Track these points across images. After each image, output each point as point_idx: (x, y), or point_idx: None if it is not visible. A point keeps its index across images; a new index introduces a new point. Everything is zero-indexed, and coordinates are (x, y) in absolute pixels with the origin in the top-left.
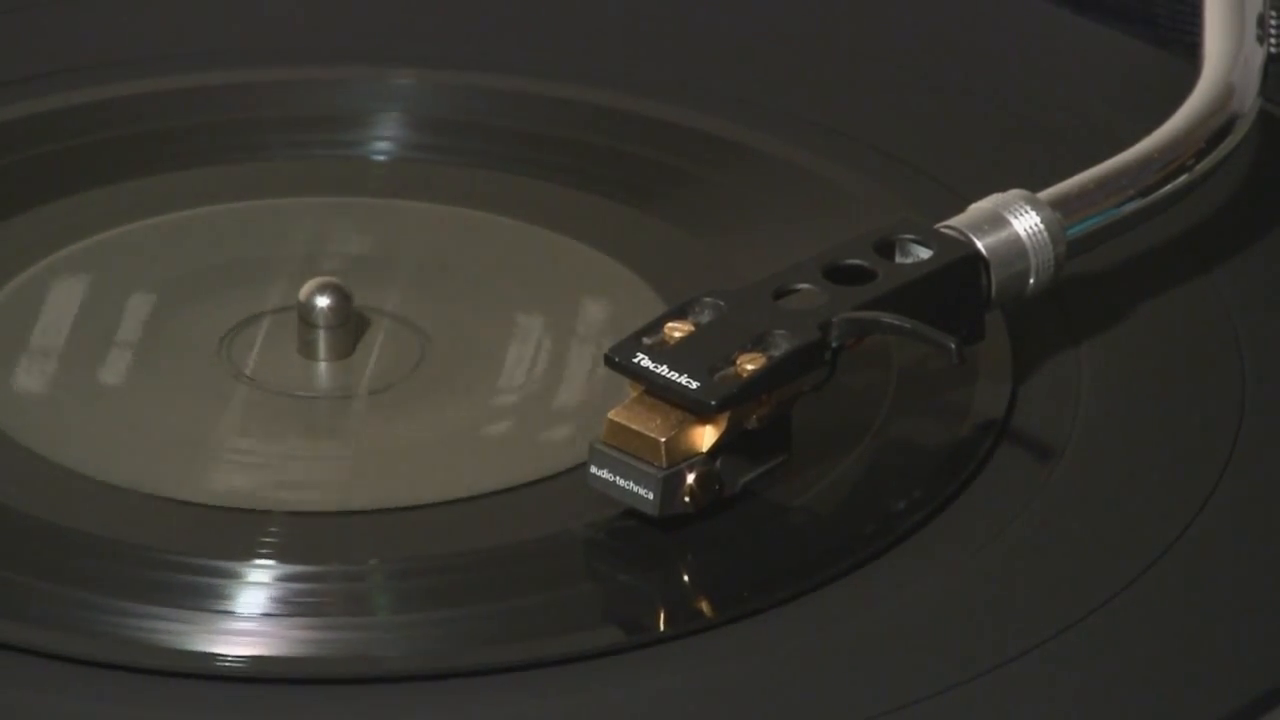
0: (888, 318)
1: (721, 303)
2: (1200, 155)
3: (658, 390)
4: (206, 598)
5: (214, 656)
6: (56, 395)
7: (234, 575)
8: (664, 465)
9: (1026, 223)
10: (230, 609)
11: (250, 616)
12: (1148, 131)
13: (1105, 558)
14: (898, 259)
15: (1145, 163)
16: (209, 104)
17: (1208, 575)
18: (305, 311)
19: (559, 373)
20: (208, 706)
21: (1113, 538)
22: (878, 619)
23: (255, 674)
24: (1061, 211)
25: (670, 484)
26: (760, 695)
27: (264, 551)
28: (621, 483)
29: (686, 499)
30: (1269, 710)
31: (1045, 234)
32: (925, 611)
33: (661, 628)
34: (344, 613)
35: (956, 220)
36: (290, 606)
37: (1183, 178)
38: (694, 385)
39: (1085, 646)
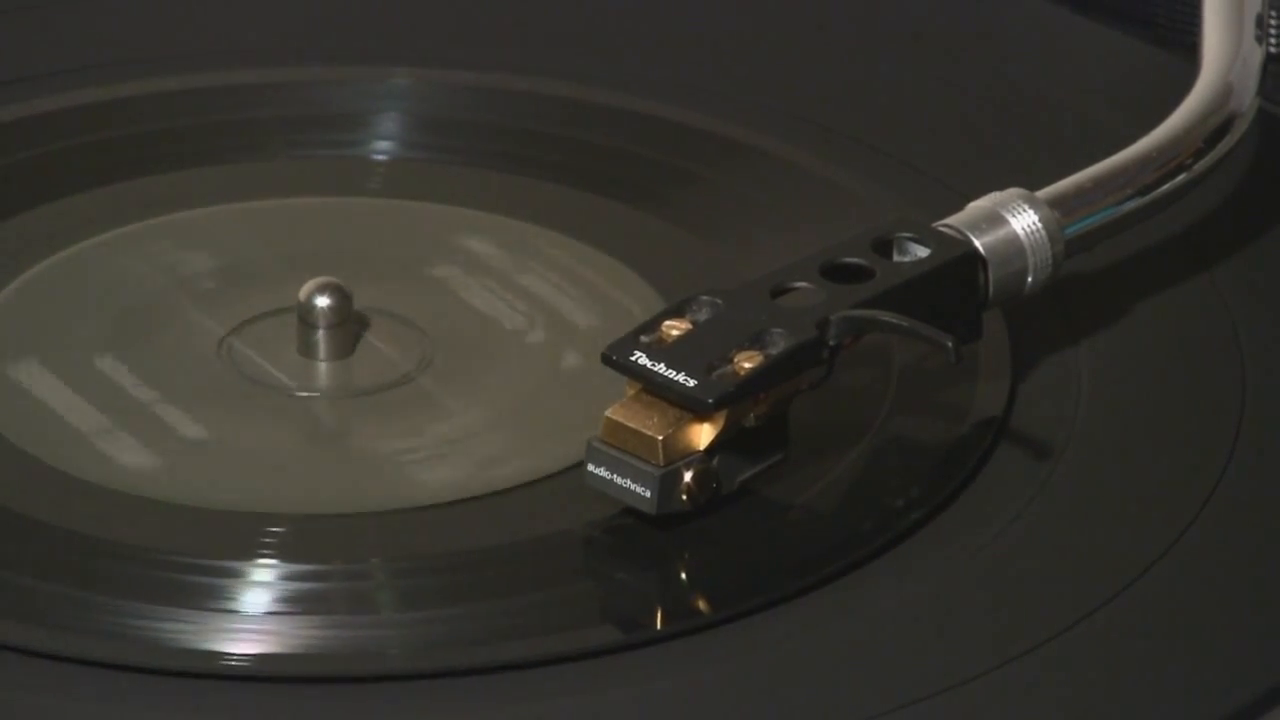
0: (885, 316)
1: (719, 301)
2: (1199, 154)
3: (655, 388)
4: (211, 597)
5: (219, 655)
6: (57, 397)
7: (238, 575)
8: (661, 463)
9: (1024, 221)
10: (234, 608)
11: (254, 616)
12: (1146, 131)
13: (1105, 557)
14: (895, 257)
15: (1144, 162)
16: (209, 104)
17: (1208, 575)
18: (305, 311)
19: (558, 372)
20: (212, 705)
21: (1113, 538)
22: (877, 619)
23: (259, 672)
24: (1060, 210)
25: (668, 482)
26: (759, 694)
27: (267, 551)
28: (619, 481)
29: (684, 497)
30: (1269, 710)
31: (1043, 233)
32: (925, 611)
33: (659, 626)
34: (347, 611)
35: (954, 219)
36: (294, 605)
37: (1181, 177)
38: (691, 383)
39: (1085, 646)
